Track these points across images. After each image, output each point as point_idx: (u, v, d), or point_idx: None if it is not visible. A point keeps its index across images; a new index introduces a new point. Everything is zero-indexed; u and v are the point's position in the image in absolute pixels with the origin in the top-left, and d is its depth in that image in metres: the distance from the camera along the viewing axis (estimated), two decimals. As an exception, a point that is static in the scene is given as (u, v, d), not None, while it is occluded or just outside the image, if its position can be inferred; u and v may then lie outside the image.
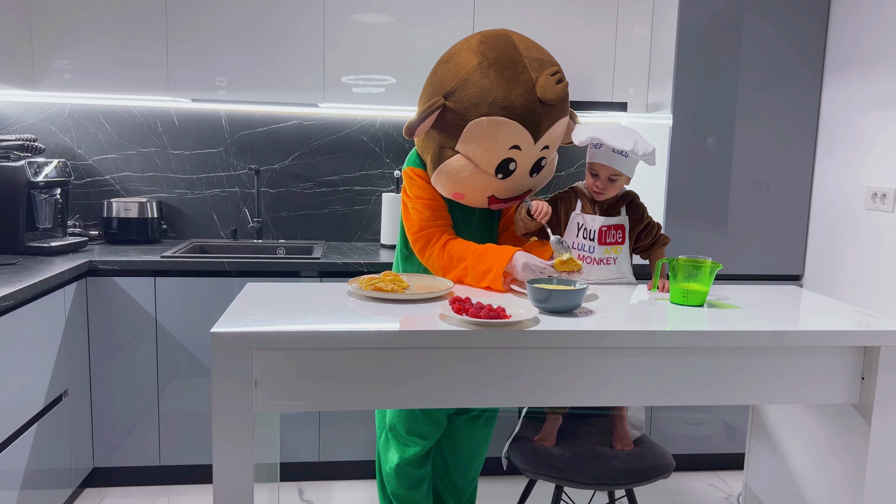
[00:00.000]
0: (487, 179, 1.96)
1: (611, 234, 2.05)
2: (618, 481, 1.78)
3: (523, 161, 1.97)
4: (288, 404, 1.56)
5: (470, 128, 1.91)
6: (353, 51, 2.82)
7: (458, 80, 1.92)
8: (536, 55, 1.96)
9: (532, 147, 1.94)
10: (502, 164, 1.95)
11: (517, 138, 1.92)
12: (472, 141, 1.92)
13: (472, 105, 1.89)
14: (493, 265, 1.93)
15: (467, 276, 1.98)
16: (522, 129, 1.90)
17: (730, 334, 1.63)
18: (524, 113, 1.89)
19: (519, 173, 1.99)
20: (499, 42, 1.94)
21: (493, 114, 1.88)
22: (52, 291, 2.30)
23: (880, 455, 1.71)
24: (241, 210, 3.16)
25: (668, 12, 2.77)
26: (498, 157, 1.93)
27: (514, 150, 1.93)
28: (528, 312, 1.68)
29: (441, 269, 2.01)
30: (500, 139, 1.91)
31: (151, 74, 2.75)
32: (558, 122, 1.98)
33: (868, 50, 2.56)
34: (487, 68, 1.90)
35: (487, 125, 1.89)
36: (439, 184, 2.01)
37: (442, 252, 2.00)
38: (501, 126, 1.89)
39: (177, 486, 2.74)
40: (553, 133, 1.98)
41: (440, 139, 1.97)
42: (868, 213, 2.55)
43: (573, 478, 1.77)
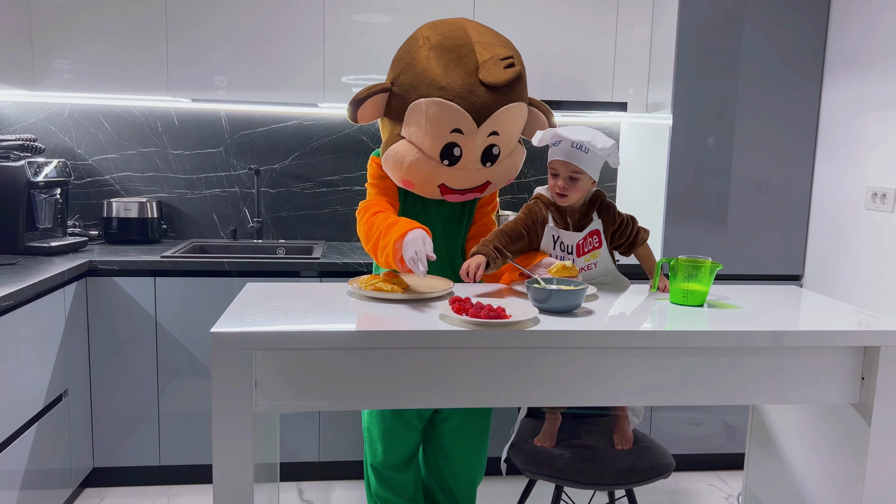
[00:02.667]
0: (433, 165, 1.91)
1: (588, 243, 2.01)
2: (618, 481, 1.78)
3: (469, 146, 1.90)
4: (288, 404, 1.56)
5: (410, 110, 1.89)
6: (353, 51, 2.82)
7: (402, 64, 1.92)
8: (489, 40, 1.91)
9: (476, 132, 1.87)
10: (446, 149, 1.89)
11: (457, 121, 1.86)
12: (413, 124, 1.89)
13: (412, 87, 1.88)
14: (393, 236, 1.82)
15: (370, 240, 1.90)
16: (462, 112, 1.85)
17: (730, 334, 1.63)
18: (463, 94, 1.84)
19: (467, 160, 1.92)
20: (448, 27, 1.92)
21: (431, 95, 1.85)
22: (52, 291, 2.30)
23: (880, 455, 1.71)
24: (241, 210, 3.16)
25: (668, 12, 2.77)
26: (439, 141, 1.88)
27: (455, 134, 1.87)
28: (528, 312, 1.68)
29: (363, 237, 1.94)
30: (440, 122, 1.85)
31: (151, 74, 2.75)
32: (507, 107, 1.89)
33: (868, 50, 2.56)
34: (429, 50, 1.87)
35: (426, 107, 1.86)
36: (389, 170, 1.99)
37: (369, 219, 1.92)
38: (439, 108, 1.85)
39: (177, 486, 2.74)
40: (501, 119, 1.89)
41: (390, 126, 1.97)
42: (868, 213, 2.55)
43: (573, 478, 1.77)
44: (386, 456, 2.10)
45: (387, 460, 2.10)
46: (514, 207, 3.27)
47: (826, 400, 1.72)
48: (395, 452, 2.10)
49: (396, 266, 1.85)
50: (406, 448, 2.12)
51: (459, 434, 2.19)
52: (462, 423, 2.18)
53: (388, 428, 2.08)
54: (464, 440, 2.20)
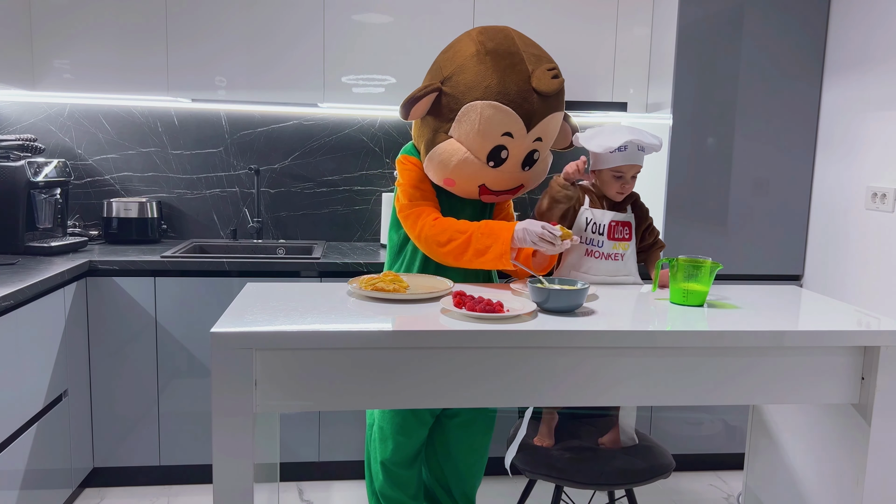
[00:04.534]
0: (478, 167, 1.96)
1: (619, 230, 2.07)
2: (618, 481, 1.78)
3: (515, 150, 1.96)
4: (288, 404, 1.56)
5: (464, 111, 1.92)
6: (353, 51, 2.82)
7: (454, 66, 1.95)
8: (534, 51, 1.98)
9: (525, 136, 1.94)
10: (494, 151, 1.94)
11: (510, 125, 1.92)
12: (466, 124, 1.93)
13: (468, 89, 1.92)
14: (497, 236, 1.90)
15: (467, 252, 1.93)
16: (515, 116, 1.91)
17: (730, 334, 1.63)
18: (518, 100, 1.90)
19: (511, 163, 1.98)
20: (498, 34, 1.98)
21: (488, 98, 1.90)
22: (52, 291, 2.30)
23: (880, 455, 1.71)
24: (241, 210, 3.16)
25: (668, 12, 2.77)
26: (490, 142, 1.93)
27: (506, 138, 1.93)
28: (526, 308, 1.68)
29: (434, 242, 1.95)
30: (493, 124, 1.91)
31: (151, 74, 2.75)
32: (552, 115, 1.98)
33: (868, 50, 2.56)
34: (485, 55, 1.92)
35: (481, 109, 1.91)
36: (431, 169, 2.02)
37: (435, 224, 1.96)
38: (495, 111, 1.90)
39: (177, 486, 2.75)
40: (547, 126, 1.97)
41: (435, 124, 1.99)
42: (868, 213, 2.55)
43: (573, 478, 1.77)
44: (396, 452, 2.10)
45: (396, 456, 2.11)
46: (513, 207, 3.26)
47: (826, 400, 1.72)
48: (406, 448, 2.11)
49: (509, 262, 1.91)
50: (416, 444, 2.13)
51: (465, 432, 2.20)
52: (469, 421, 2.20)
53: (402, 424, 2.08)
54: (469, 439, 2.21)
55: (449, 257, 1.96)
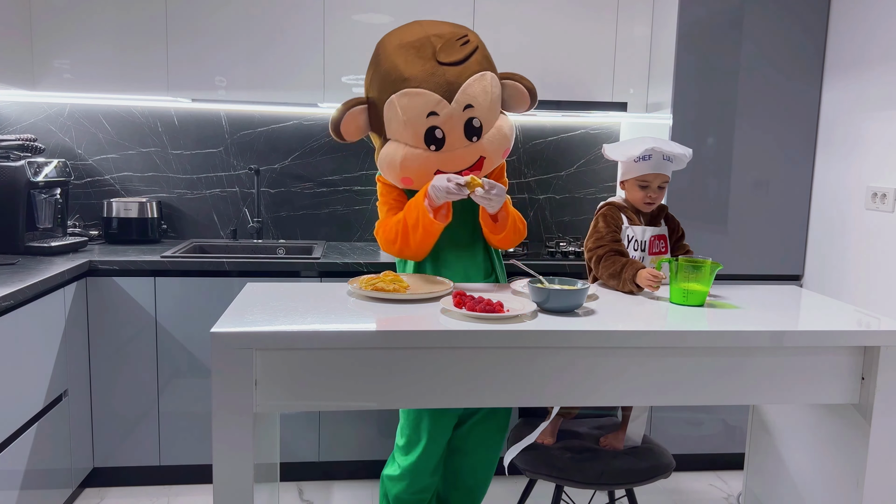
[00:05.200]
0: (423, 155, 1.97)
1: (656, 244, 2.11)
2: (618, 481, 1.79)
3: (448, 126, 1.96)
4: (288, 404, 1.56)
5: (385, 111, 1.98)
6: (353, 51, 2.81)
7: (369, 75, 2.05)
8: (444, 30, 2.02)
9: (450, 109, 1.94)
10: (428, 135, 1.96)
11: (429, 104, 1.93)
12: (393, 122, 1.97)
13: (382, 91, 1.98)
14: (415, 207, 1.95)
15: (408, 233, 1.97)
16: (429, 94, 1.93)
17: (730, 334, 1.63)
18: (426, 77, 1.93)
19: (452, 140, 1.98)
20: (404, 29, 2.06)
21: (398, 89, 1.94)
22: (52, 291, 2.30)
23: (880, 455, 1.71)
24: (241, 210, 3.16)
25: (668, 12, 2.77)
26: (419, 127, 1.95)
27: (432, 118, 1.95)
28: (526, 308, 1.68)
29: (388, 244, 2.04)
30: (414, 109, 1.93)
31: (151, 74, 2.75)
32: (472, 78, 1.96)
33: (868, 50, 2.56)
34: (390, 53, 1.99)
35: (397, 101, 1.95)
36: (386, 176, 2.07)
37: (382, 228, 2.04)
38: (409, 96, 1.93)
39: (177, 486, 2.74)
40: (472, 91, 1.95)
41: (377, 138, 2.06)
42: (868, 213, 2.55)
43: (573, 478, 1.77)
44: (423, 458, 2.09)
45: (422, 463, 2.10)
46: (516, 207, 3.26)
47: (826, 400, 1.72)
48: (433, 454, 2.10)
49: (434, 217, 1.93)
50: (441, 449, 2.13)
51: (482, 429, 2.21)
52: (488, 416, 2.20)
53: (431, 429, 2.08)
54: (484, 436, 2.21)
55: (406, 250, 2.01)
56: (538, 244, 3.26)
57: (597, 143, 3.28)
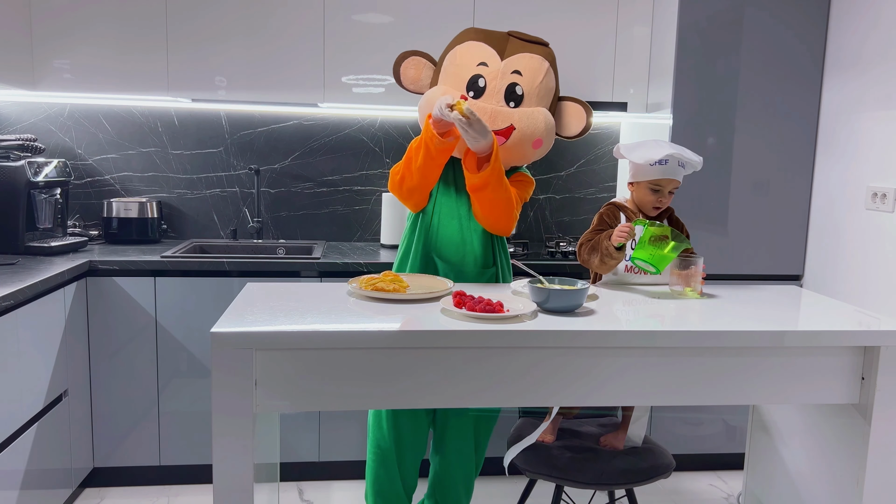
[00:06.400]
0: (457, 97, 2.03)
1: None
2: (618, 481, 1.79)
3: (492, 78, 2.08)
4: (288, 404, 1.56)
5: (446, 59, 2.14)
6: (353, 51, 2.81)
7: (445, 50, 2.18)
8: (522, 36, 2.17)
9: (499, 65, 2.08)
10: (472, 81, 2.08)
11: (482, 54, 2.09)
12: (447, 69, 2.13)
13: (450, 48, 2.15)
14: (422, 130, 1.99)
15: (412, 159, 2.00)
16: (486, 46, 2.10)
17: (730, 334, 1.63)
18: (493, 39, 2.11)
19: (491, 93, 2.08)
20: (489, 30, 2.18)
21: (465, 41, 2.12)
22: (52, 291, 2.30)
23: (880, 455, 1.71)
24: (241, 210, 3.16)
25: (668, 12, 2.77)
26: (467, 72, 2.09)
27: (481, 67, 2.08)
28: (526, 308, 1.68)
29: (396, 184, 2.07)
30: (467, 55, 2.10)
31: (151, 74, 2.75)
32: (529, 52, 2.12)
33: (868, 50, 2.56)
34: (469, 30, 2.16)
35: (459, 49, 2.12)
36: (423, 113, 2.12)
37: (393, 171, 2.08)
38: (468, 46, 2.11)
39: (177, 486, 2.75)
40: (524, 61, 2.10)
41: None
42: (868, 213, 2.55)
43: (573, 478, 1.77)
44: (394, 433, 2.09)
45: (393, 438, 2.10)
46: (514, 207, 3.27)
47: (826, 400, 1.72)
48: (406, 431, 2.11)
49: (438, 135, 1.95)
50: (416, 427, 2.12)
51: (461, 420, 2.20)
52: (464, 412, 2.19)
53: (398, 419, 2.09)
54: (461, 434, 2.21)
55: (409, 177, 2.03)
56: (538, 244, 3.26)
57: (597, 143, 3.28)
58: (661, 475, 1.83)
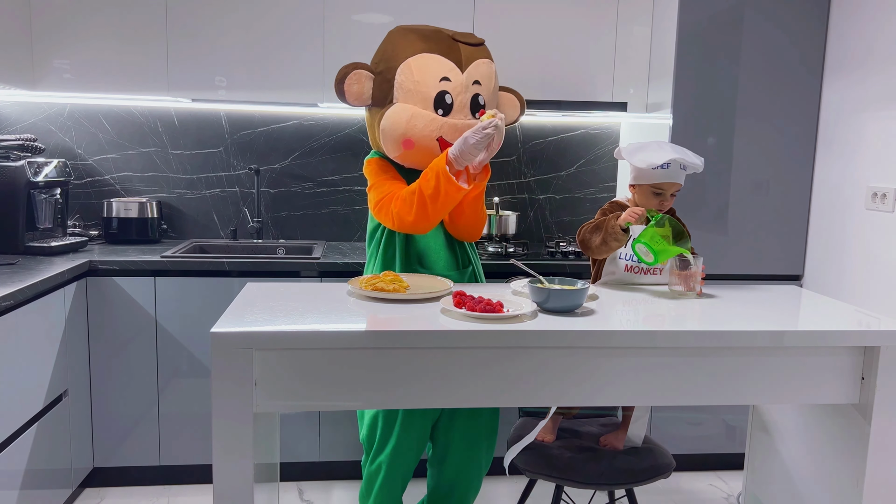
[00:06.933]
0: (429, 117, 2.02)
1: None
2: (618, 481, 1.79)
3: (458, 93, 2.04)
4: (288, 404, 1.56)
5: (398, 74, 2.03)
6: (353, 51, 2.81)
7: (380, 54, 2.10)
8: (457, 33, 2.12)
9: (461, 78, 2.04)
10: (438, 98, 2.02)
11: (443, 69, 2.02)
12: (404, 82, 2.03)
13: (397, 56, 2.04)
14: (435, 170, 1.93)
15: (426, 200, 1.94)
16: (445, 60, 2.03)
17: (730, 334, 1.63)
18: (443, 49, 2.04)
19: (458, 108, 2.05)
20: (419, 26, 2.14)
21: (416, 53, 2.03)
22: (52, 291, 2.30)
23: (880, 455, 1.71)
24: (241, 210, 3.16)
25: (668, 12, 2.77)
26: (431, 89, 2.02)
27: (444, 83, 2.03)
28: (526, 308, 1.68)
29: (405, 218, 1.98)
30: (428, 71, 2.02)
31: (151, 74, 2.75)
32: (482, 59, 2.09)
33: (868, 50, 2.56)
34: (408, 32, 2.08)
35: (412, 62, 2.02)
36: (387, 140, 2.08)
37: (397, 202, 2.01)
38: (425, 59, 2.02)
39: (177, 486, 2.75)
40: (480, 70, 2.08)
41: (379, 108, 2.09)
42: (868, 213, 2.55)
43: (573, 478, 1.77)
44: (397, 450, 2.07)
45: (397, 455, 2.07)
46: (514, 207, 3.27)
47: (826, 400, 1.72)
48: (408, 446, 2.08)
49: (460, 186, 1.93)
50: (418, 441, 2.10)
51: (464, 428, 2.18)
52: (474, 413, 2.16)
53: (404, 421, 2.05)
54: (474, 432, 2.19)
55: (421, 221, 1.98)
56: (538, 244, 3.26)
57: (597, 143, 3.28)
58: (661, 475, 1.83)
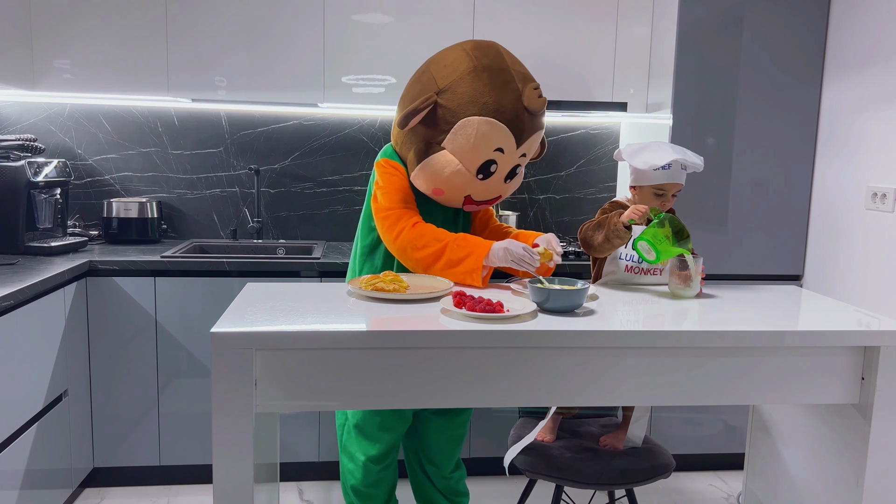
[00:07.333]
0: (468, 178, 2.01)
1: None
2: (618, 481, 1.79)
3: (503, 165, 2.03)
4: (288, 404, 1.56)
5: (460, 125, 1.96)
6: (353, 51, 2.82)
7: (451, 79, 1.99)
8: (521, 69, 2.06)
9: (514, 152, 2.02)
10: (484, 165, 2.01)
11: (502, 141, 1.98)
12: (461, 138, 1.97)
13: (465, 104, 1.96)
14: (472, 251, 1.93)
15: (440, 260, 1.95)
16: (508, 133, 1.98)
17: (730, 334, 1.63)
18: (512, 118, 1.97)
19: (498, 177, 2.05)
20: (490, 50, 2.04)
21: (485, 114, 1.95)
22: (52, 291, 2.30)
23: (880, 455, 1.71)
24: (241, 210, 3.16)
25: (668, 12, 2.77)
26: (482, 157, 1.99)
27: (497, 153, 2.00)
28: (526, 307, 1.68)
29: (410, 246, 1.96)
30: (488, 140, 1.97)
31: (151, 74, 2.75)
32: (538, 132, 2.07)
33: (868, 50, 2.56)
34: (481, 72, 1.97)
35: (478, 125, 1.95)
36: (421, 177, 2.05)
37: (413, 230, 1.98)
38: (491, 127, 1.96)
39: (177, 486, 2.75)
40: (532, 143, 2.07)
41: (426, 135, 2.01)
42: (868, 213, 2.55)
43: (573, 478, 1.77)
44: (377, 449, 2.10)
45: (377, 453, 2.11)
46: (513, 207, 3.27)
47: (826, 400, 1.72)
48: (387, 444, 2.12)
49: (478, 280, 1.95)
50: (396, 439, 2.14)
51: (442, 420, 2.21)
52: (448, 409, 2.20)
53: (383, 421, 2.09)
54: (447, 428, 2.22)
55: (420, 264, 1.98)
56: (538, 244, 3.26)
57: (597, 143, 3.28)
58: (661, 475, 1.83)
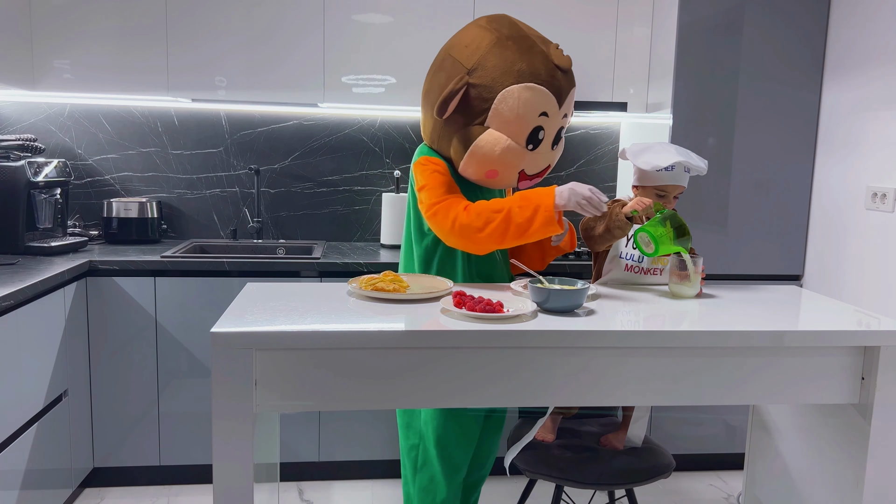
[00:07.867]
0: (519, 152, 1.95)
1: None
2: (618, 481, 1.79)
3: (550, 129, 1.97)
4: (288, 404, 1.56)
5: (500, 98, 1.90)
6: (353, 51, 2.82)
7: (477, 56, 1.92)
8: (536, 33, 2.02)
9: (557, 113, 1.96)
10: (532, 133, 1.94)
11: (546, 104, 1.92)
12: (505, 110, 1.90)
13: (500, 75, 1.89)
14: (537, 205, 1.86)
15: (508, 231, 1.86)
16: (549, 95, 1.92)
17: (730, 334, 1.63)
18: (549, 79, 1.92)
19: (545, 143, 1.99)
20: (505, 20, 2.00)
21: (522, 81, 1.89)
22: (52, 291, 2.30)
23: (880, 455, 1.71)
24: (241, 210, 3.16)
25: (668, 12, 2.77)
26: (529, 125, 1.92)
27: (542, 118, 1.94)
28: (526, 307, 1.68)
29: (470, 229, 1.86)
30: (532, 106, 1.90)
31: (151, 74, 2.75)
32: (572, 90, 2.02)
33: (868, 50, 2.56)
34: (506, 41, 1.92)
35: (519, 92, 1.89)
36: (472, 164, 1.97)
37: (468, 210, 1.88)
38: (532, 92, 1.90)
39: (177, 486, 2.75)
40: (570, 102, 2.02)
41: (465, 120, 1.94)
42: (868, 213, 2.55)
43: (573, 478, 1.77)
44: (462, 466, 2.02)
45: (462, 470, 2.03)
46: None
47: (826, 400, 1.72)
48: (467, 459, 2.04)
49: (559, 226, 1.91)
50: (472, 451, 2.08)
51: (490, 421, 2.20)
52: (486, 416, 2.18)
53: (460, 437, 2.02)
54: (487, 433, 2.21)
55: (489, 242, 1.88)
56: (538, 244, 3.26)
57: (597, 142, 3.28)
58: (661, 475, 1.83)
